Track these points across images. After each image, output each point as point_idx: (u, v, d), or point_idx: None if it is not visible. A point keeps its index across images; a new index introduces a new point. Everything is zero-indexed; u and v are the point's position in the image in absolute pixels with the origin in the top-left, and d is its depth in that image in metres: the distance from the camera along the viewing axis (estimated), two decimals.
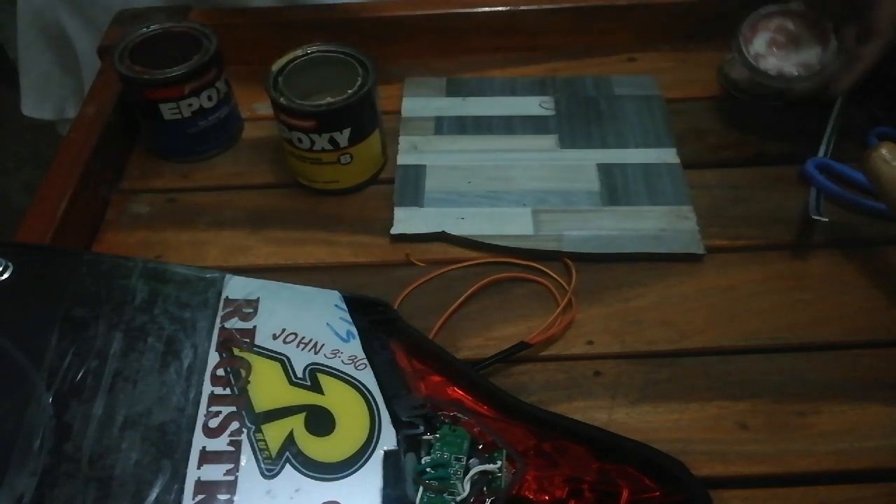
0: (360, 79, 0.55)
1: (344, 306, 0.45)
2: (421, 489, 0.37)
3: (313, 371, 0.41)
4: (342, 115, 0.54)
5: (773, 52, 0.55)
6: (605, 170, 0.59)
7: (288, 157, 0.58)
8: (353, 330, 0.43)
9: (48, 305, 0.42)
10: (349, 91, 0.54)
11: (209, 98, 0.59)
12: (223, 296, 0.44)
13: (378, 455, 0.38)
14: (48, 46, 0.78)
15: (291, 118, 0.54)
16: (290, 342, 0.42)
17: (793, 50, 0.55)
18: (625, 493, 0.38)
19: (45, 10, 0.75)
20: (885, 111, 0.61)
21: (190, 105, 0.58)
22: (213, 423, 0.39)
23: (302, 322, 0.43)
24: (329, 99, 0.54)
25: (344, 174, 0.57)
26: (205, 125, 0.60)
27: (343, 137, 0.55)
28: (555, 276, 0.52)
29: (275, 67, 0.56)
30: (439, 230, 0.55)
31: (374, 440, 0.39)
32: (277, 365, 0.41)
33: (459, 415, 0.41)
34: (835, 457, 0.43)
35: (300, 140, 0.55)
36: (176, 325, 0.42)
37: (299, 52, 0.57)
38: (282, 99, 0.54)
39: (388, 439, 0.39)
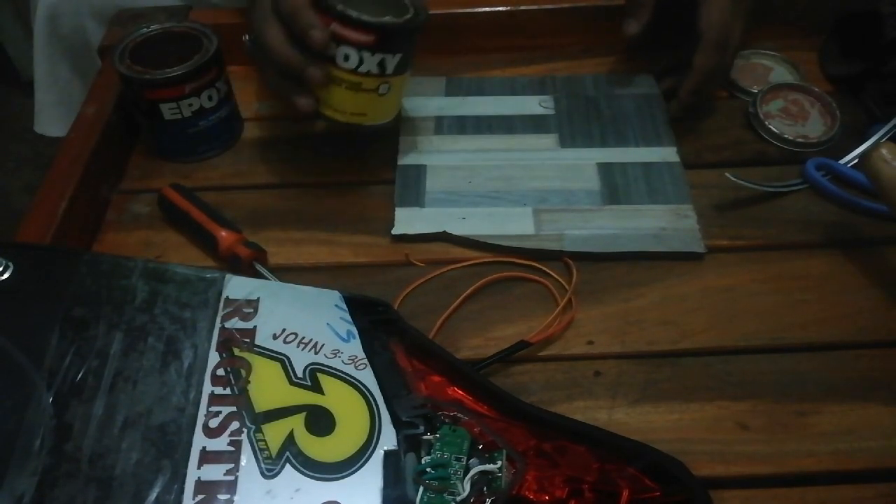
0: (411, 10, 0.52)
1: (344, 306, 0.45)
2: (421, 489, 0.37)
3: (313, 371, 0.41)
4: (400, 38, 0.51)
5: (781, 117, 0.62)
6: (606, 169, 0.59)
7: (321, 84, 0.53)
8: (354, 330, 0.43)
9: (48, 305, 0.42)
10: (407, 16, 0.51)
11: (209, 98, 0.59)
12: (223, 296, 0.44)
13: (378, 455, 0.38)
14: (68, 59, 0.77)
15: (346, 29, 0.50)
16: (290, 342, 0.42)
17: (800, 123, 0.61)
18: (625, 494, 0.38)
19: (65, 18, 0.74)
20: (881, 107, 0.61)
21: (190, 105, 0.58)
22: (214, 422, 0.39)
23: (302, 322, 0.43)
24: (390, 17, 0.51)
25: (374, 108, 0.54)
26: (205, 125, 0.60)
27: (392, 63, 0.52)
28: (555, 275, 0.52)
29: None
30: (440, 230, 0.55)
31: (375, 440, 0.39)
32: (277, 365, 0.41)
33: (460, 415, 0.41)
34: (835, 457, 0.43)
35: (347, 57, 0.51)
36: (176, 325, 0.42)
37: None
38: (340, 6, 0.49)
39: (389, 439, 0.39)
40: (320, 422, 0.39)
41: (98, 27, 0.73)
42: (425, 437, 0.39)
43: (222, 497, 0.36)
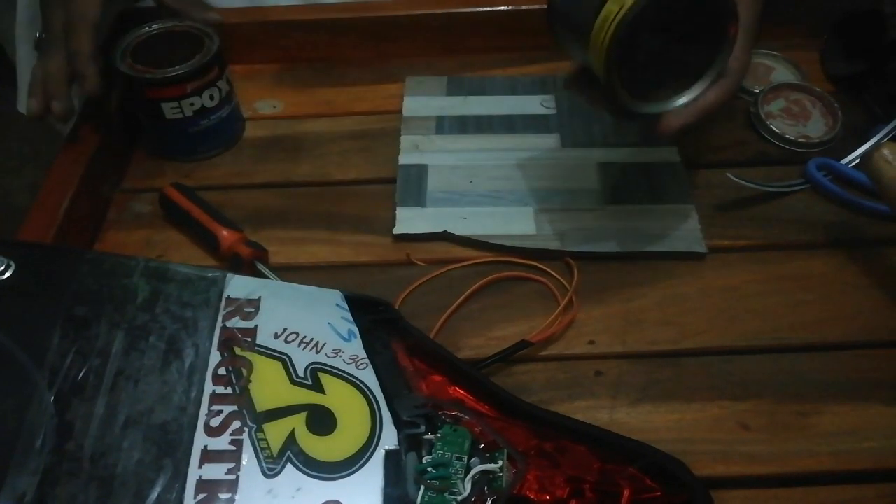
0: None
1: (345, 305, 0.45)
2: (422, 489, 0.37)
3: (314, 370, 0.41)
4: None
5: (782, 117, 0.61)
6: (607, 169, 0.59)
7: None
8: (355, 329, 0.43)
9: (50, 304, 0.42)
10: None
11: (211, 97, 0.59)
12: (224, 295, 0.44)
13: (379, 454, 0.38)
14: None
15: None
16: (291, 341, 0.42)
17: (802, 123, 0.61)
18: (626, 493, 0.38)
19: None
20: (883, 107, 0.61)
21: (192, 104, 0.58)
22: (215, 422, 0.39)
23: (303, 321, 0.43)
24: None
25: None
26: (207, 124, 0.60)
27: None
28: (556, 275, 0.52)
29: None
30: (441, 230, 0.55)
31: (376, 439, 0.39)
32: (279, 364, 0.41)
33: (461, 414, 0.41)
34: (836, 457, 0.43)
35: None
36: (177, 325, 0.42)
37: None
38: None
39: (390, 439, 0.39)
40: (321, 421, 0.39)
41: None
42: (426, 437, 0.39)
43: (223, 496, 0.36)
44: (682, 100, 0.46)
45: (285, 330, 0.43)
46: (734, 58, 0.47)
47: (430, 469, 0.38)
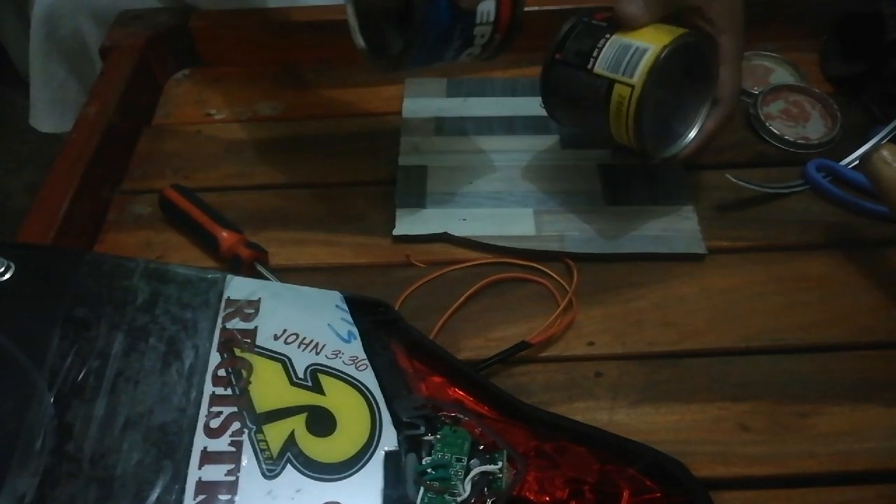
0: None
1: (345, 307, 0.45)
2: (422, 490, 0.37)
3: (314, 371, 0.41)
4: None
5: (782, 118, 0.62)
6: (607, 170, 0.59)
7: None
8: (354, 330, 0.43)
9: (50, 306, 0.42)
10: None
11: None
12: (224, 296, 0.44)
13: (379, 455, 0.38)
14: (65, 58, 0.77)
15: None
16: (291, 343, 0.42)
17: (801, 124, 0.61)
18: (625, 494, 0.38)
19: (63, 19, 0.74)
20: (882, 108, 0.61)
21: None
22: (215, 423, 0.39)
23: (303, 322, 0.43)
24: None
25: None
26: (459, 29, 0.49)
27: None
28: (556, 276, 0.52)
29: None
30: (441, 231, 0.55)
31: (375, 441, 0.39)
32: (278, 365, 0.41)
33: (460, 415, 0.41)
34: (836, 458, 0.43)
35: None
36: (177, 326, 0.42)
37: None
38: None
39: (389, 440, 0.39)
40: (321, 422, 0.39)
41: (95, 29, 0.73)
42: (426, 438, 0.39)
43: (223, 497, 0.36)
44: (690, 135, 0.52)
45: (285, 331, 0.43)
46: (724, 87, 0.51)
47: (429, 470, 0.38)
